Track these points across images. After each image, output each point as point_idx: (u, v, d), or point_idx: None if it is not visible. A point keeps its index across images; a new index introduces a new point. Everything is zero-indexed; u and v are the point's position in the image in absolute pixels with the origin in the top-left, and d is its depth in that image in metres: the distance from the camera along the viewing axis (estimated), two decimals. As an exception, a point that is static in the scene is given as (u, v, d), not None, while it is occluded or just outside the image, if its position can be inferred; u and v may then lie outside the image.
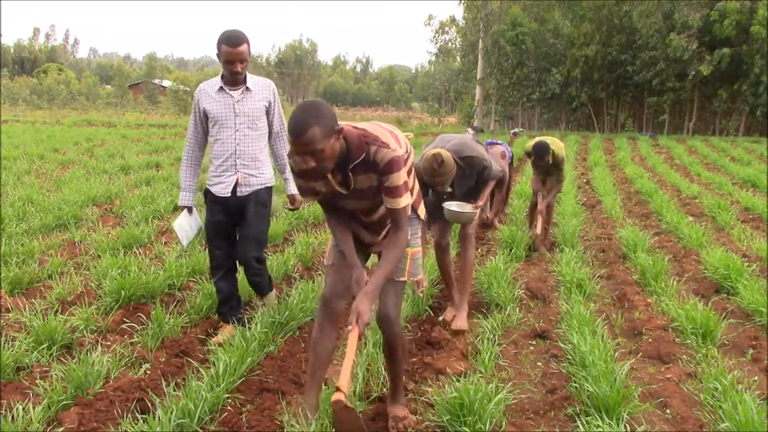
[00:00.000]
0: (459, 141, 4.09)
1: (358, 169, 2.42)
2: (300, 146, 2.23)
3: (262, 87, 3.65)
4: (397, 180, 2.42)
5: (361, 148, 2.38)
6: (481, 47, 27.11)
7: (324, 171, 2.34)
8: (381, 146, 2.38)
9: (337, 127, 2.28)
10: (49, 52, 69.55)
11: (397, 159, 2.39)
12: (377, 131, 2.45)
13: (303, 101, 2.30)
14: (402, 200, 2.45)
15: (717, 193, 9.22)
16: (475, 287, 4.76)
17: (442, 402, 2.81)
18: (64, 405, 2.84)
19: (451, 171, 3.76)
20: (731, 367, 3.39)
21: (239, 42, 3.42)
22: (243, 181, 3.61)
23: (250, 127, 3.60)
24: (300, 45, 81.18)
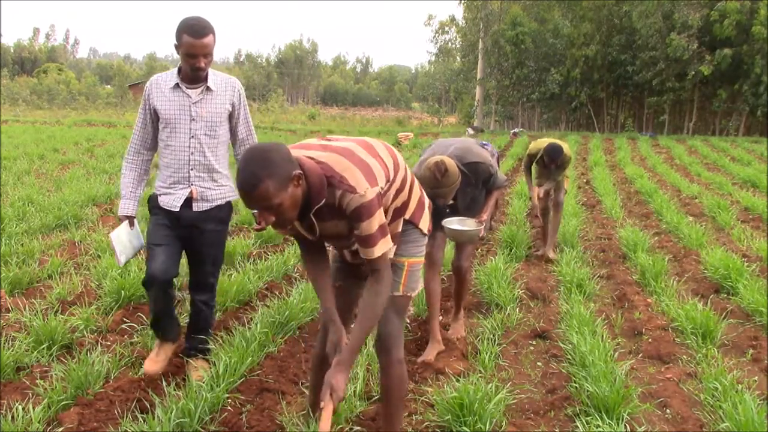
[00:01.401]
0: (461, 145, 3.61)
1: (324, 214, 2.09)
2: (252, 203, 1.92)
3: (225, 87, 3.07)
4: (369, 228, 2.06)
5: (323, 190, 2.03)
6: (481, 47, 27.13)
7: (287, 223, 2.03)
8: (347, 190, 2.01)
9: (295, 172, 1.92)
10: (49, 52, 69.58)
11: (366, 205, 2.02)
12: (344, 168, 2.05)
13: (249, 149, 1.94)
14: (376, 249, 2.10)
15: (717, 193, 9.22)
16: (475, 287, 4.76)
17: (442, 402, 2.81)
18: (64, 405, 2.84)
19: (456, 181, 3.28)
20: (731, 367, 3.39)
21: (204, 32, 2.87)
22: (199, 195, 3.06)
23: (209, 134, 3.03)
24: (300, 45, 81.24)
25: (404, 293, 2.40)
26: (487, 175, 3.62)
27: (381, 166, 2.16)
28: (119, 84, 52.31)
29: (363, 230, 2.07)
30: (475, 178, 3.58)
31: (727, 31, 20.86)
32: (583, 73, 25.08)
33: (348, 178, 2.03)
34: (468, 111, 31.48)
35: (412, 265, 2.43)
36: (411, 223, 2.42)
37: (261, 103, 39.60)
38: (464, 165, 3.49)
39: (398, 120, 32.84)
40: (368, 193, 2.03)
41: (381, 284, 2.16)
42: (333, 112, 43.65)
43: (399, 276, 2.38)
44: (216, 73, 3.06)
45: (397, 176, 2.27)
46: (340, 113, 42.94)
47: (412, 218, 2.42)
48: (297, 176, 1.93)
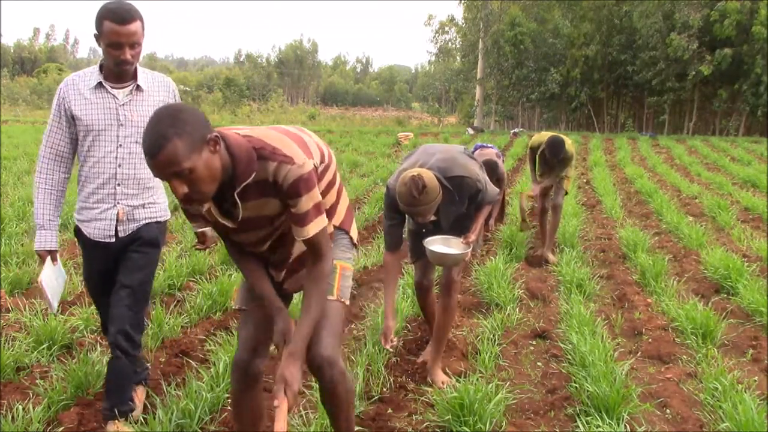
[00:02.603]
0: (445, 156, 3.11)
1: (250, 193, 1.83)
2: (159, 168, 1.64)
3: (158, 86, 2.63)
4: (307, 203, 1.85)
5: (252, 164, 1.79)
6: (481, 47, 27.14)
7: (203, 196, 1.74)
8: (283, 161, 1.79)
9: (210, 135, 1.69)
10: (49, 52, 69.53)
11: (306, 177, 1.82)
12: (277, 140, 1.85)
13: (158, 109, 1.69)
14: (311, 227, 1.89)
15: (717, 193, 9.22)
16: (475, 287, 4.76)
17: (442, 402, 2.81)
18: (64, 405, 2.84)
19: (436, 198, 2.85)
20: (731, 367, 3.39)
21: (130, 17, 2.38)
22: (126, 215, 2.57)
23: (139, 141, 2.50)
24: (300, 45, 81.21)
25: (338, 298, 2.15)
26: (474, 191, 3.12)
27: (315, 145, 2.03)
28: (119, 84, 52.20)
29: (300, 207, 1.85)
30: (459, 195, 3.08)
31: (727, 31, 20.87)
32: (583, 73, 25.10)
33: (282, 148, 1.83)
34: (468, 111, 31.49)
35: (344, 270, 2.20)
36: (341, 230, 2.22)
37: (261, 103, 39.59)
38: (447, 179, 3.01)
39: (398, 120, 32.85)
40: (306, 165, 1.83)
41: (322, 262, 1.95)
42: (333, 112, 43.65)
43: (332, 278, 2.13)
44: (146, 71, 2.63)
45: (330, 167, 2.10)
46: (340, 113, 42.93)
47: (342, 225, 2.22)
48: (213, 139, 1.70)
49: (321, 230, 1.92)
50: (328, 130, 21.64)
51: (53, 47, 74.04)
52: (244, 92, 44.37)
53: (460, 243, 3.17)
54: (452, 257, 3.14)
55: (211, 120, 26.03)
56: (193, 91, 42.45)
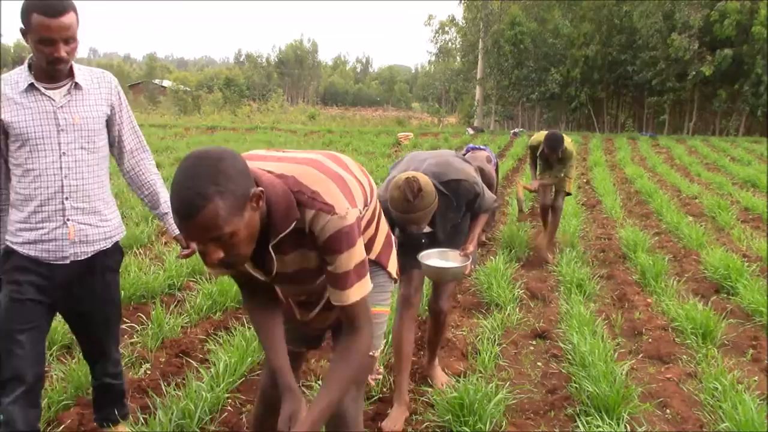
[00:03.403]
0: (439, 160, 2.85)
1: (286, 245, 1.58)
2: (194, 233, 1.38)
3: (99, 83, 2.32)
4: (347, 263, 1.58)
5: (292, 213, 1.52)
6: (481, 47, 27.14)
7: (241, 260, 1.50)
8: (322, 209, 1.52)
9: (254, 189, 1.41)
10: (49, 52, 69.47)
11: (347, 231, 1.54)
12: (316, 181, 1.56)
13: (191, 156, 1.38)
14: (352, 293, 1.61)
15: (717, 193, 9.22)
16: (475, 287, 4.76)
17: (442, 402, 2.81)
18: (64, 405, 2.84)
19: (432, 203, 2.57)
20: (731, 367, 3.39)
21: (62, 8, 2.04)
22: (77, 235, 2.22)
23: (86, 147, 2.24)
24: (300, 45, 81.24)
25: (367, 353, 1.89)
26: (472, 196, 2.87)
27: (357, 184, 1.69)
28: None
29: (339, 265, 1.57)
30: (456, 200, 2.83)
31: (727, 31, 20.88)
32: (583, 73, 25.11)
33: (322, 193, 1.54)
34: (468, 111, 31.48)
35: (376, 316, 1.94)
36: (378, 264, 1.97)
37: (261, 103, 39.59)
38: (443, 184, 2.76)
39: (398, 120, 32.83)
40: (349, 215, 1.55)
41: (359, 336, 1.66)
42: (333, 112, 43.64)
43: None
44: (81, 67, 2.30)
45: (372, 201, 1.81)
46: (340, 113, 42.91)
47: (379, 258, 1.97)
48: (257, 195, 1.42)
49: (363, 299, 1.64)
50: (328, 130, 21.64)
51: (53, 47, 73.94)
52: (244, 92, 44.40)
53: (458, 256, 2.90)
54: (451, 272, 2.87)
55: (211, 120, 25.45)
56: (193, 91, 42.46)
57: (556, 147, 5.21)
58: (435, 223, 2.81)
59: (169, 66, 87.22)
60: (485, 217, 3.07)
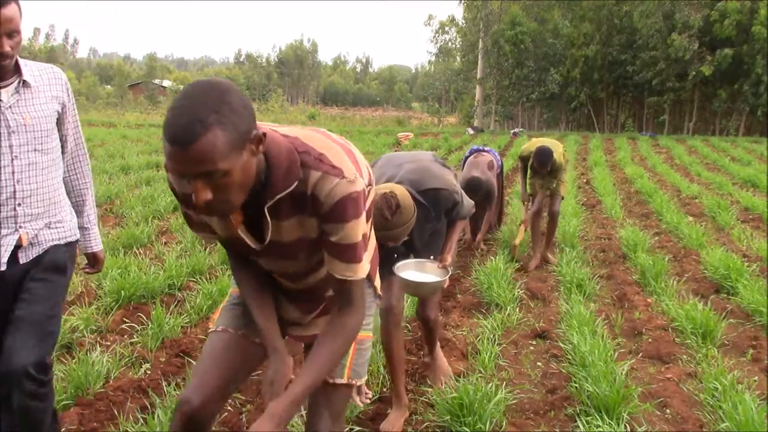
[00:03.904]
0: (416, 165, 2.67)
1: (284, 208, 1.42)
2: (186, 163, 1.24)
3: (48, 79, 2.18)
4: (354, 233, 1.44)
5: (293, 171, 1.39)
6: (481, 47, 27.16)
7: (230, 207, 1.34)
8: (329, 172, 1.39)
9: (255, 131, 1.30)
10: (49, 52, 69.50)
11: (356, 197, 1.41)
12: (325, 145, 1.45)
13: (196, 82, 1.29)
14: (359, 268, 1.49)
15: (717, 193, 9.22)
16: (475, 287, 4.76)
17: (442, 402, 2.81)
18: (64, 405, 2.84)
19: (411, 219, 2.43)
20: (731, 367, 3.39)
21: (2, 1, 1.91)
22: (30, 240, 2.11)
23: (39, 149, 2.11)
24: (300, 45, 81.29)
25: (349, 380, 1.74)
26: (451, 204, 2.72)
27: (363, 161, 1.57)
28: (119, 84, 52.43)
29: (346, 236, 1.43)
30: (435, 210, 2.68)
31: (727, 31, 20.89)
32: (583, 73, 25.12)
33: (330, 156, 1.42)
34: (468, 111, 31.50)
35: (361, 341, 1.75)
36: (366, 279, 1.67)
37: (261, 103, 39.62)
38: (420, 193, 2.60)
39: (398, 120, 32.86)
40: (358, 182, 1.42)
41: (353, 315, 1.52)
42: (333, 112, 43.67)
43: (344, 357, 1.70)
44: (28, 62, 2.16)
45: (372, 185, 1.64)
46: (340, 113, 42.95)
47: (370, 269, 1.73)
48: (258, 138, 1.31)
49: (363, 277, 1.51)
50: (328, 130, 21.64)
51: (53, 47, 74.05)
52: (244, 92, 44.30)
53: (436, 267, 2.75)
54: (430, 286, 2.71)
55: (211, 120, 26.11)
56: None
57: (545, 162, 5.12)
58: (412, 233, 2.61)
59: (169, 66, 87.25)
60: (462, 225, 2.95)
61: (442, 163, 2.82)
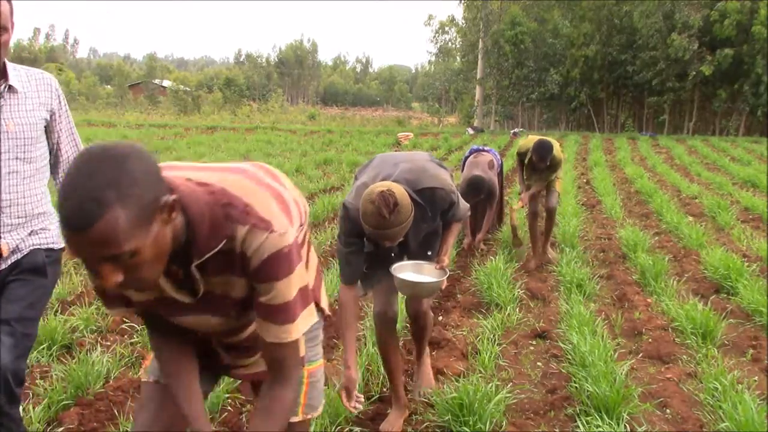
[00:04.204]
0: (412, 165, 2.61)
1: (211, 265, 1.29)
2: (85, 249, 1.08)
3: (36, 85, 2.09)
4: (287, 292, 1.31)
5: (218, 229, 1.25)
6: (481, 47, 27.17)
7: (145, 284, 1.20)
8: (257, 225, 1.26)
9: (166, 197, 1.14)
10: (49, 52, 69.65)
11: (286, 253, 1.28)
12: (249, 193, 1.30)
13: (86, 151, 1.10)
14: (295, 328, 1.35)
15: (717, 193, 9.22)
16: (475, 287, 4.76)
17: (442, 402, 2.81)
18: (64, 405, 2.84)
19: (408, 217, 2.36)
20: (731, 367, 3.39)
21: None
22: (10, 250, 2.04)
23: (21, 157, 2.02)
24: (300, 45, 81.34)
25: (304, 417, 1.66)
26: (447, 205, 2.65)
27: (293, 200, 1.43)
28: (119, 84, 52.42)
29: (278, 296, 1.30)
30: (431, 210, 2.61)
31: (727, 31, 20.91)
32: (582, 73, 25.14)
33: (257, 206, 1.27)
34: (468, 111, 31.50)
35: (313, 374, 1.68)
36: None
37: (261, 103, 39.62)
38: (417, 192, 2.53)
39: (398, 120, 32.85)
40: (288, 235, 1.29)
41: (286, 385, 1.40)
42: (333, 112, 43.66)
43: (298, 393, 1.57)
44: (17, 66, 2.07)
45: (305, 223, 1.52)
46: (340, 113, 42.93)
47: (315, 290, 1.65)
48: (169, 205, 1.14)
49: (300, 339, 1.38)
50: (328, 130, 21.65)
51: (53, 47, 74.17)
52: (244, 92, 44.45)
53: (433, 269, 2.69)
54: (427, 286, 2.66)
55: (211, 120, 25.52)
56: (193, 91, 42.48)
57: (545, 156, 5.03)
58: (407, 233, 2.54)
59: (169, 66, 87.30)
60: (458, 227, 2.86)
61: (438, 163, 2.75)
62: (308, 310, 1.39)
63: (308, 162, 11.97)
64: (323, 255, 5.53)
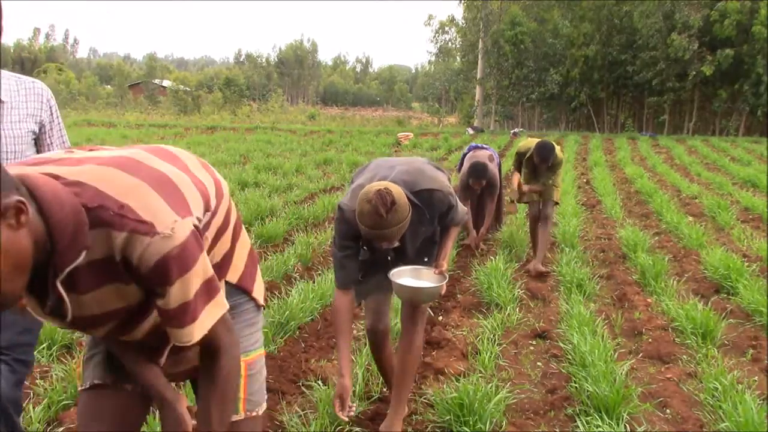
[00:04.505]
0: (409, 167, 2.53)
1: (84, 279, 1.14)
2: None
3: (26, 95, 1.96)
4: (184, 293, 1.17)
5: (80, 237, 1.09)
6: (481, 47, 27.19)
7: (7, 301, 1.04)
8: (136, 230, 1.10)
9: (7, 199, 0.99)
10: (48, 52, 69.62)
11: (177, 253, 1.13)
12: (126, 190, 1.14)
13: None
14: (197, 327, 1.23)
15: (717, 193, 9.23)
16: (475, 287, 4.76)
17: (442, 402, 2.81)
18: (64, 405, 2.84)
19: (406, 217, 2.27)
20: (731, 367, 3.39)
21: None
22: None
23: None
24: (300, 45, 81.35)
25: (246, 414, 1.54)
26: (446, 207, 2.55)
27: (193, 182, 1.27)
28: (119, 84, 52.43)
29: (172, 299, 1.17)
30: (429, 212, 2.52)
31: (727, 31, 20.92)
32: (582, 73, 25.16)
33: (136, 206, 1.12)
34: (468, 111, 31.51)
35: (251, 365, 1.56)
36: (240, 290, 1.53)
37: (261, 103, 39.63)
38: (414, 194, 2.45)
39: (398, 120, 32.86)
40: (178, 230, 1.13)
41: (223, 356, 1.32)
42: (333, 112, 43.68)
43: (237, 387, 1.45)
44: (7, 74, 1.94)
45: (221, 205, 1.38)
46: (340, 113, 42.95)
47: (242, 282, 1.52)
48: (15, 207, 0.99)
49: (217, 322, 1.28)
50: (328, 130, 21.64)
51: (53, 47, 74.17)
52: (244, 92, 44.43)
53: (432, 274, 2.61)
54: (427, 292, 2.58)
55: (211, 120, 25.55)
56: (193, 91, 42.50)
57: (548, 157, 4.98)
58: (404, 237, 2.45)
59: (169, 66, 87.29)
60: (456, 231, 2.76)
61: (435, 165, 2.66)
62: (214, 303, 1.26)
63: (308, 162, 11.97)
64: (323, 255, 5.53)
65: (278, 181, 9.36)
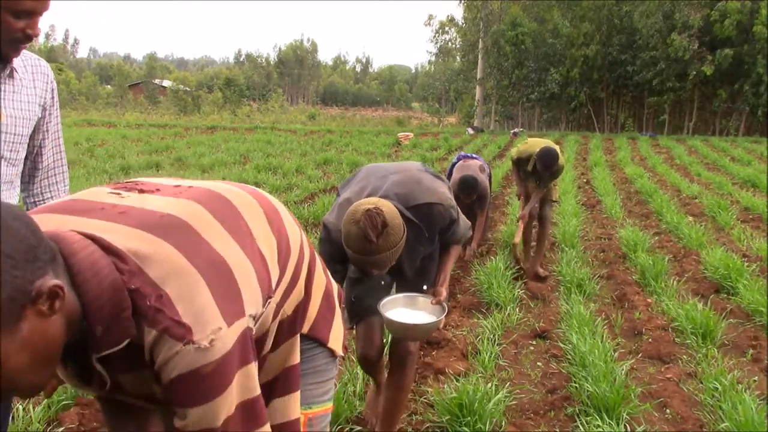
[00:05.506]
0: (404, 177, 2.22)
1: (116, 362, 0.97)
2: None
3: (32, 72, 1.74)
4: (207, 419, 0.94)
5: (121, 323, 0.92)
6: (481, 47, 27.20)
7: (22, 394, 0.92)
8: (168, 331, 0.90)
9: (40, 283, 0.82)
10: (49, 52, 69.61)
11: (209, 372, 0.92)
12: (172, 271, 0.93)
13: None
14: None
15: (717, 193, 9.22)
16: (475, 287, 4.76)
17: (442, 402, 2.81)
18: (64, 405, 2.84)
19: (399, 241, 1.94)
20: (731, 367, 3.39)
21: None
22: None
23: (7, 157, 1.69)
24: (300, 45, 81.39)
25: None
26: (447, 222, 2.24)
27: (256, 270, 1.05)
28: (119, 84, 52.40)
29: (192, 422, 0.94)
30: (428, 230, 2.21)
31: (727, 31, 20.93)
32: (582, 73, 25.16)
33: (176, 298, 0.92)
34: (468, 111, 31.52)
35: (313, 419, 1.38)
36: (313, 340, 1.35)
37: (261, 103, 39.62)
38: (411, 209, 2.14)
39: (398, 120, 32.87)
40: (218, 343, 0.92)
41: None
42: (333, 112, 43.68)
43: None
44: None
45: (289, 263, 1.20)
46: (340, 113, 42.96)
47: (315, 332, 1.34)
48: (50, 292, 0.83)
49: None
50: (328, 130, 21.64)
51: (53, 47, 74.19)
52: (244, 92, 44.41)
53: (429, 303, 2.29)
54: (423, 328, 2.21)
55: (211, 120, 25.59)
56: (193, 91, 42.48)
57: (552, 164, 4.77)
58: (401, 258, 2.12)
59: (169, 66, 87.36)
60: (458, 251, 2.48)
61: (433, 173, 2.34)
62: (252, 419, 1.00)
63: (308, 162, 11.97)
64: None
65: (278, 181, 9.36)
